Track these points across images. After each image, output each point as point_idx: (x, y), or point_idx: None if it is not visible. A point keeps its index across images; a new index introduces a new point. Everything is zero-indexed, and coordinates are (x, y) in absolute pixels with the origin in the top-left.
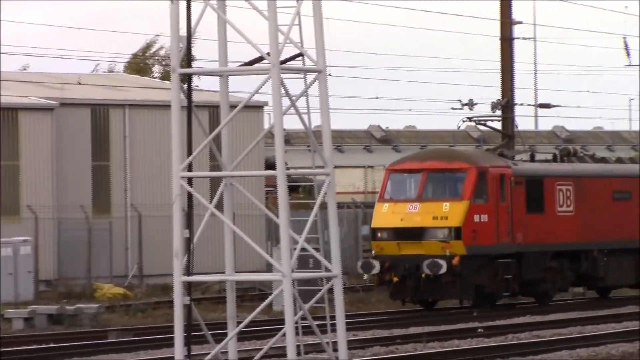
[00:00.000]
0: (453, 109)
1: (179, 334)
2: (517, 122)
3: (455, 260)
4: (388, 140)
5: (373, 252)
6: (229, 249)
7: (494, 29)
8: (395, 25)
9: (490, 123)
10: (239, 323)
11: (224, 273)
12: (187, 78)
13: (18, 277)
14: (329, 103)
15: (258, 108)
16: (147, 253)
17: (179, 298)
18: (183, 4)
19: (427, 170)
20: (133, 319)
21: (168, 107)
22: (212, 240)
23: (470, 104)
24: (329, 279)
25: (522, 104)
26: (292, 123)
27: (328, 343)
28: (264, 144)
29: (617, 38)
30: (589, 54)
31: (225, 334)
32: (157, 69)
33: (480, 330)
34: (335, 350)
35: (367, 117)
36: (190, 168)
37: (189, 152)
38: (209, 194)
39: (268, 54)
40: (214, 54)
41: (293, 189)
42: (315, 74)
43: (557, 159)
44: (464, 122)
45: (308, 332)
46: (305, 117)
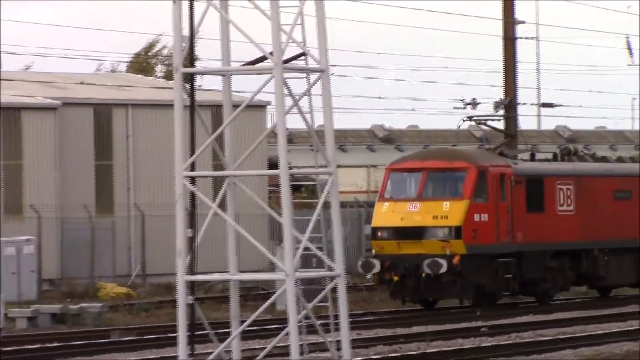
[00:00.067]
0: (456, 109)
1: (183, 333)
2: (519, 121)
3: (456, 260)
4: (391, 140)
5: (373, 251)
6: (232, 249)
7: (497, 29)
8: (398, 25)
9: (491, 122)
10: (242, 322)
11: (227, 272)
12: (189, 77)
13: (21, 276)
14: (332, 102)
15: (261, 107)
16: (150, 252)
17: (182, 297)
18: (185, 4)
19: (427, 170)
20: (136, 318)
21: (171, 106)
22: (215, 240)
23: (473, 104)
24: (332, 278)
25: (524, 104)
26: (295, 122)
27: (331, 342)
28: (267, 144)
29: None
30: (592, 54)
31: (229, 333)
32: (159, 69)
33: (484, 329)
34: (339, 350)
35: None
36: (193, 167)
37: (192, 151)
38: (212, 194)
39: (271, 54)
40: (217, 54)
41: (296, 189)
42: (318, 74)
43: (557, 158)
44: (464, 121)
45: (311, 331)
46: (308, 116)
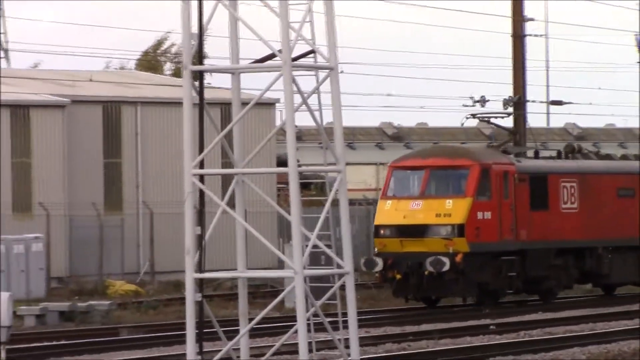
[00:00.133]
0: (465, 106)
1: (191, 331)
2: (528, 119)
3: (459, 258)
4: (400, 137)
5: (376, 249)
6: (241, 246)
7: (506, 26)
8: (408, 23)
9: (494, 120)
10: (251, 320)
11: (236, 270)
12: (198, 75)
13: (30, 274)
14: (341, 100)
15: (270, 105)
16: (158, 250)
17: (191, 295)
18: (195, 2)
19: (430, 167)
20: (145, 316)
21: (180, 104)
22: (223, 238)
23: (482, 101)
24: (341, 276)
25: (534, 101)
26: (303, 120)
27: (340, 340)
28: (276, 141)
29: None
30: (601, 51)
31: (237, 331)
32: (168, 67)
33: (492, 327)
34: (347, 347)
35: (378, 114)
36: (202, 165)
37: (201, 149)
38: (221, 191)
39: (280, 51)
40: (226, 51)
41: (305, 186)
42: (327, 71)
43: (561, 156)
44: (467, 118)
45: (320, 329)
46: (317, 114)
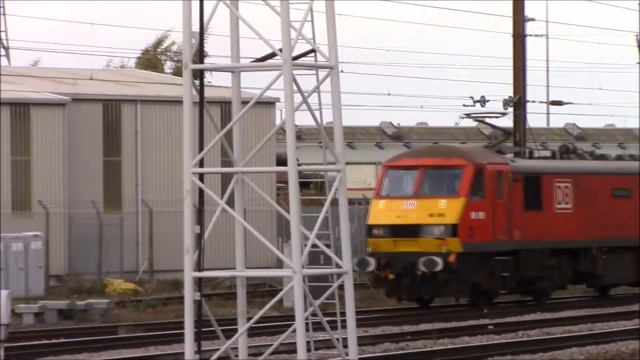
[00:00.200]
0: (465, 106)
1: (189, 330)
2: (528, 119)
3: (452, 258)
4: (400, 137)
5: (369, 249)
6: (240, 245)
7: (507, 26)
8: (408, 22)
9: (489, 120)
10: (250, 319)
11: (235, 269)
12: (199, 74)
13: (29, 272)
14: (341, 99)
15: (270, 104)
16: (157, 249)
17: (190, 294)
18: (195, 1)
19: (423, 167)
20: (143, 315)
21: (180, 102)
22: (222, 237)
23: (482, 101)
24: (340, 275)
25: (534, 101)
26: (303, 119)
27: (338, 339)
28: (276, 140)
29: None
30: (602, 52)
31: (236, 330)
32: (168, 65)
33: (491, 327)
34: (346, 347)
35: (378, 113)
36: (202, 164)
37: (201, 148)
38: (220, 190)
39: (280, 50)
40: (226, 50)
41: (304, 185)
42: (327, 70)
43: (555, 156)
44: (462, 118)
45: (318, 328)
46: (317, 113)
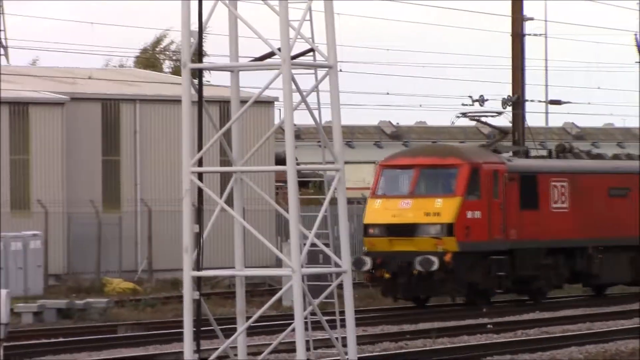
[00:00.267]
0: (464, 105)
1: (188, 329)
2: (526, 118)
3: (448, 257)
4: (398, 136)
5: (365, 248)
6: (239, 244)
7: (506, 26)
8: (407, 22)
9: (485, 119)
10: (249, 318)
11: (234, 268)
12: (198, 73)
13: (27, 271)
14: (340, 98)
15: (269, 103)
16: (156, 248)
17: (189, 293)
18: (194, 0)
19: (419, 166)
20: (142, 314)
21: (178, 102)
22: (222, 236)
23: (481, 100)
24: (339, 275)
25: (532, 101)
26: (302, 118)
27: (337, 338)
28: (275, 139)
29: (628, 35)
30: (600, 51)
31: (235, 329)
32: (167, 64)
33: (490, 327)
34: (345, 346)
35: (377, 112)
36: (201, 163)
37: (199, 147)
38: (219, 189)
39: (279, 50)
40: (225, 49)
41: (303, 185)
42: (326, 70)
43: (552, 155)
44: (458, 117)
45: (317, 327)
46: (316, 112)
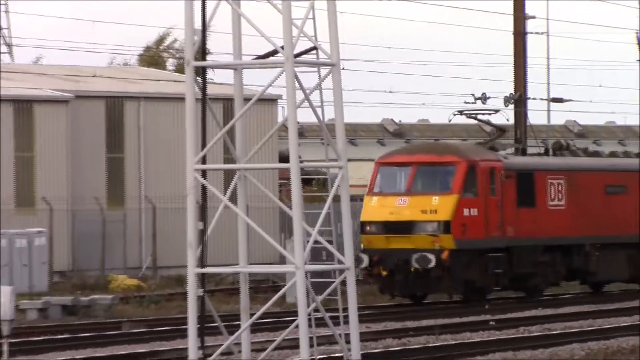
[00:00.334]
0: (466, 103)
1: (193, 326)
2: (528, 116)
3: (445, 255)
4: (401, 134)
5: (362, 245)
6: (243, 241)
7: (508, 24)
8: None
9: (482, 116)
10: (252, 315)
11: (238, 265)
12: (201, 71)
13: (32, 268)
14: (343, 96)
15: (272, 101)
16: (161, 245)
17: (193, 290)
18: None
19: (416, 164)
20: (147, 311)
21: (182, 99)
22: (225, 233)
23: (483, 98)
24: (342, 271)
25: (534, 98)
26: (305, 116)
27: (341, 335)
28: (278, 137)
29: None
30: (602, 49)
31: (239, 326)
32: (171, 62)
33: (492, 323)
34: (348, 342)
35: (380, 110)
36: (205, 160)
37: (203, 144)
38: (223, 187)
39: (282, 48)
40: (228, 47)
41: (306, 182)
42: (329, 68)
43: (549, 153)
44: (455, 115)
45: (321, 324)
46: (319, 110)
